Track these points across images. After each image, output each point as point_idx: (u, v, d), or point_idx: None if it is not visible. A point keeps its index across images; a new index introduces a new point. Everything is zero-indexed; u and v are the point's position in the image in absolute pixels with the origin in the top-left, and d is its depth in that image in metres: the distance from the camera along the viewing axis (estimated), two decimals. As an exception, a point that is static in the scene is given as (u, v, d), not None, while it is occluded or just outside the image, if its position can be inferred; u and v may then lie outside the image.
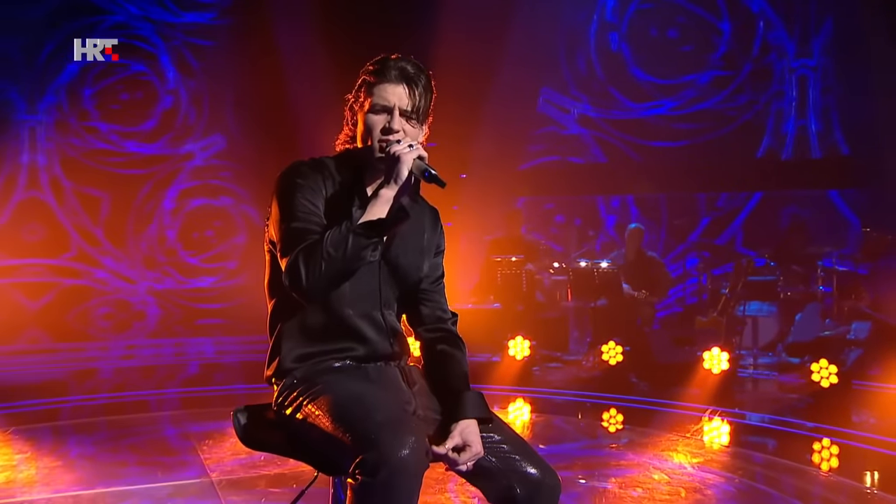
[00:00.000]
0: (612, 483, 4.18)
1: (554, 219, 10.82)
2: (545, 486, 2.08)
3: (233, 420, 2.07)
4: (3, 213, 10.00)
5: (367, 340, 2.09)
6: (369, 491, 1.73)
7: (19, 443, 4.90)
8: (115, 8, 10.52)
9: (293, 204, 2.03)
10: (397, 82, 2.09)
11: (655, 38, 11.00)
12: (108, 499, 3.77)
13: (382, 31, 9.70)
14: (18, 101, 10.15)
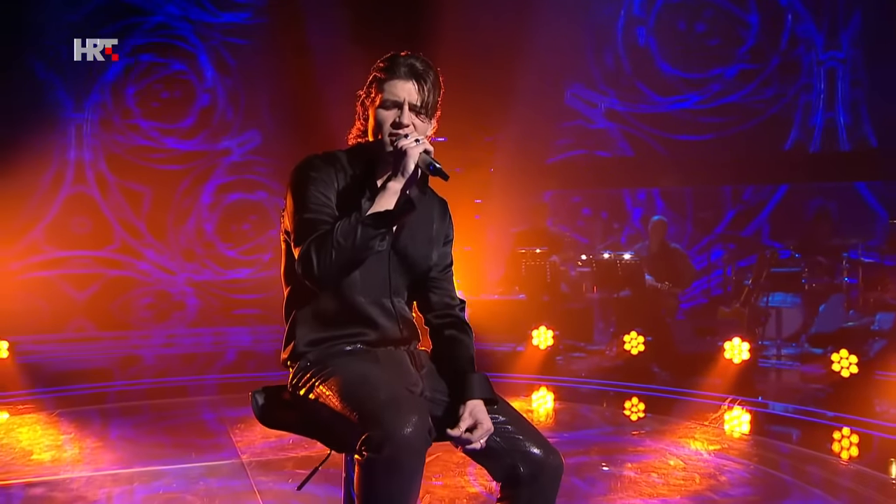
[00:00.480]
0: (628, 468, 4.22)
1: (580, 211, 10.81)
2: (548, 465, 2.12)
3: (251, 400, 2.16)
4: (51, 207, 10.24)
5: (377, 326, 2.16)
6: (374, 467, 1.80)
7: (65, 424, 5.07)
8: (156, 9, 10.69)
9: (306, 196, 2.10)
10: (407, 78, 2.15)
11: (683, 33, 10.92)
12: (145, 477, 3.90)
13: (410, 29, 9.75)
14: (66, 99, 10.38)
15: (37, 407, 5.48)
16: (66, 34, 10.18)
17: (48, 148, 10.13)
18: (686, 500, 3.72)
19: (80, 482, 3.83)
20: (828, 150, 10.36)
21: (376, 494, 1.83)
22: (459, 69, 9.66)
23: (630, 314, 7.25)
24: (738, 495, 3.84)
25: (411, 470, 1.82)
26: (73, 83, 10.37)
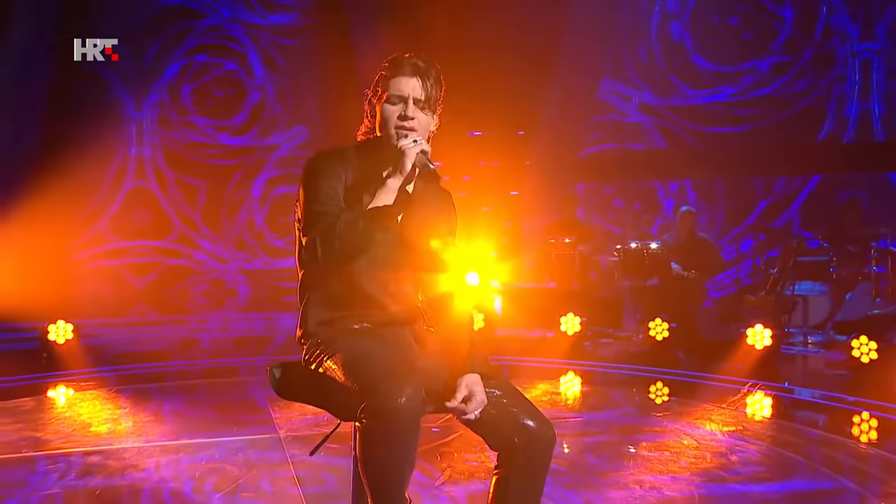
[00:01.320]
0: (643, 447, 4.29)
1: (613, 203, 10.81)
2: (541, 436, 2.22)
3: (269, 374, 2.31)
4: (114, 200, 10.59)
5: (383, 308, 2.28)
6: (372, 433, 1.93)
7: (122, 400, 5.33)
8: (210, 12, 10.96)
9: (316, 188, 2.22)
10: (411, 75, 2.26)
11: (716, 26, 10.82)
12: (190, 449, 4.11)
13: (448, 27, 9.86)
14: (127, 99, 10.71)
15: (98, 384, 5.76)
16: (128, 36, 10.51)
17: (111, 145, 10.46)
18: (695, 476, 3.79)
19: (132, 452, 4.07)
20: (862, 141, 10.19)
21: (374, 458, 1.96)
22: (495, 65, 9.81)
23: (658, 302, 7.28)
24: (747, 473, 3.89)
25: (406, 436, 1.94)
26: (133, 83, 10.69)
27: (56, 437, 4.40)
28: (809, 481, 3.82)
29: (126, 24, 10.42)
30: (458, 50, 10.19)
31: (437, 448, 4.09)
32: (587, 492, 3.56)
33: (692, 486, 3.65)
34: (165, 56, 10.74)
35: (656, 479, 3.74)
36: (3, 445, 4.20)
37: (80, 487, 3.53)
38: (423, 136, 2.28)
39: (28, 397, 5.36)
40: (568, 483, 3.68)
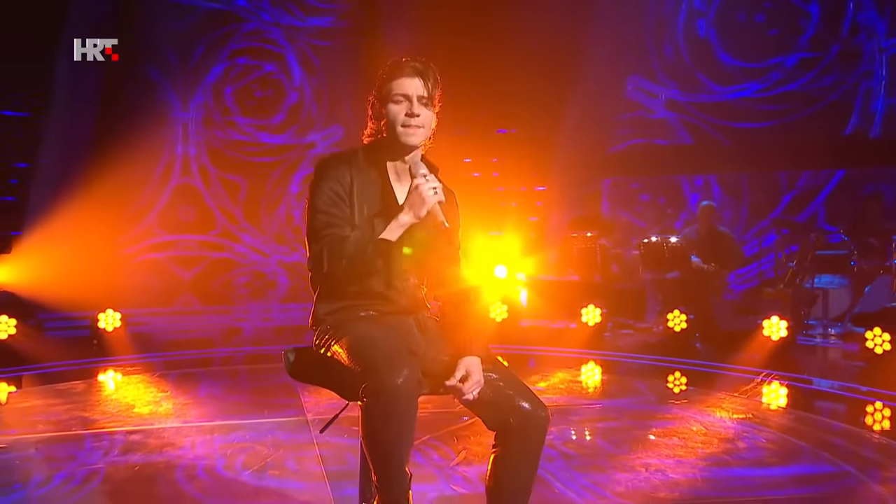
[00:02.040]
0: (653, 432, 4.35)
1: (639, 197, 10.80)
2: (535, 417, 2.31)
3: (283, 359, 2.44)
4: (162, 196, 10.88)
5: (390, 300, 2.38)
6: (373, 411, 2.05)
7: (164, 383, 5.54)
8: (251, 16, 11.17)
9: (321, 194, 2.31)
10: (412, 75, 2.35)
11: (743, 24, 10.73)
12: (224, 429, 4.29)
13: (478, 27, 9.95)
14: (174, 100, 10.98)
15: (143, 369, 6.00)
16: (176, 41, 10.79)
17: (159, 144, 10.75)
18: (700, 460, 3.85)
19: (171, 432, 4.26)
20: (888, 136, 10.05)
21: (374, 434, 2.08)
22: (524, 64, 9.87)
23: (678, 294, 7.30)
24: (751, 458, 3.95)
25: (403, 414, 2.05)
26: (180, 86, 10.96)
27: (102, 416, 4.62)
28: (811, 466, 3.86)
29: (173, 29, 10.71)
30: (488, 50, 10.29)
31: (456, 431, 4.21)
32: (594, 473, 3.65)
33: (696, 469, 3.72)
34: (209, 59, 11.00)
35: (662, 462, 3.81)
36: (54, 424, 4.44)
37: (121, 463, 3.73)
38: (427, 132, 2.37)
39: (79, 380, 5.61)
40: (577, 465, 3.78)
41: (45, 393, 5.29)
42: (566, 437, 4.27)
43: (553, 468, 3.72)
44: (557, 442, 4.15)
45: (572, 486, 3.49)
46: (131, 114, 9.89)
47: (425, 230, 2.37)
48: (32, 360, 6.15)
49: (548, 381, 5.68)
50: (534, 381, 5.65)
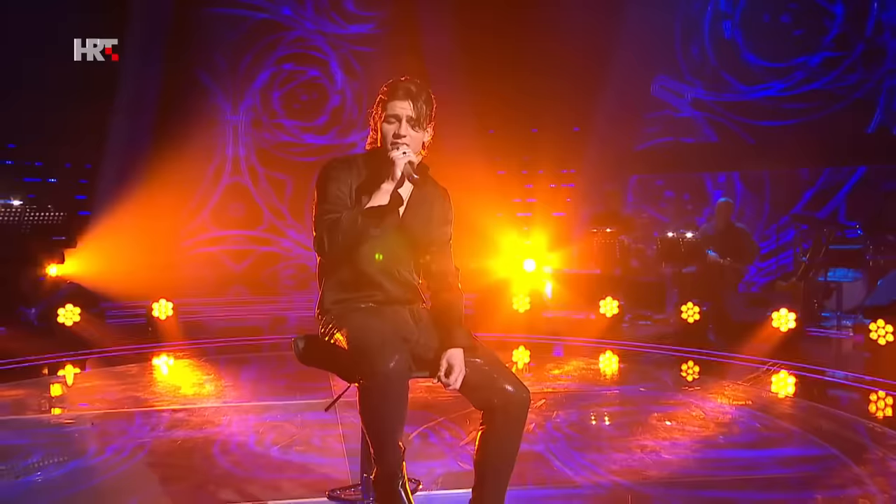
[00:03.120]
0: (653, 417, 4.47)
1: (663, 194, 10.82)
2: (516, 397, 2.47)
3: (293, 345, 2.66)
4: (214, 194, 11.29)
5: (385, 290, 2.56)
6: (367, 392, 2.24)
7: (209, 367, 5.84)
8: (296, 25, 11.49)
9: (326, 191, 2.52)
10: (403, 98, 2.53)
11: (768, 24, 10.67)
12: (258, 409, 4.55)
13: (507, 32, 10.08)
14: (225, 104, 11.36)
15: (190, 354, 6.31)
16: (227, 50, 11.15)
17: (211, 145, 11.16)
18: (694, 442, 3.97)
19: (211, 411, 4.54)
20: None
21: (369, 412, 2.27)
22: (554, 65, 9.97)
23: (694, 287, 7.36)
24: (742, 441, 4.05)
25: (394, 395, 2.24)
26: (230, 90, 11.34)
27: (152, 396, 4.93)
28: (798, 449, 3.95)
29: (226, 38, 11.07)
30: (519, 53, 10.41)
31: (468, 414, 4.38)
32: (593, 453, 3.80)
33: (688, 450, 3.84)
34: (257, 65, 11.34)
35: (658, 444, 3.94)
36: (110, 402, 4.75)
37: (165, 438, 4.01)
38: (415, 149, 2.55)
39: (133, 364, 5.95)
40: (577, 446, 3.93)
41: (104, 374, 5.64)
42: (571, 420, 4.41)
43: (555, 448, 3.88)
44: (563, 424, 4.30)
45: (570, 465, 3.65)
46: (186, 117, 10.28)
47: (419, 223, 2.57)
48: (94, 344, 6.51)
49: (562, 368, 5.83)
50: (549, 369, 5.81)
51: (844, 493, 3.28)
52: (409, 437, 4.01)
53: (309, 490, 3.20)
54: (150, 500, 3.17)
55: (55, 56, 8.46)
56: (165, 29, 10.41)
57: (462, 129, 10.57)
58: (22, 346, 6.26)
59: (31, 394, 5.00)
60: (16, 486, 3.34)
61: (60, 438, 4.06)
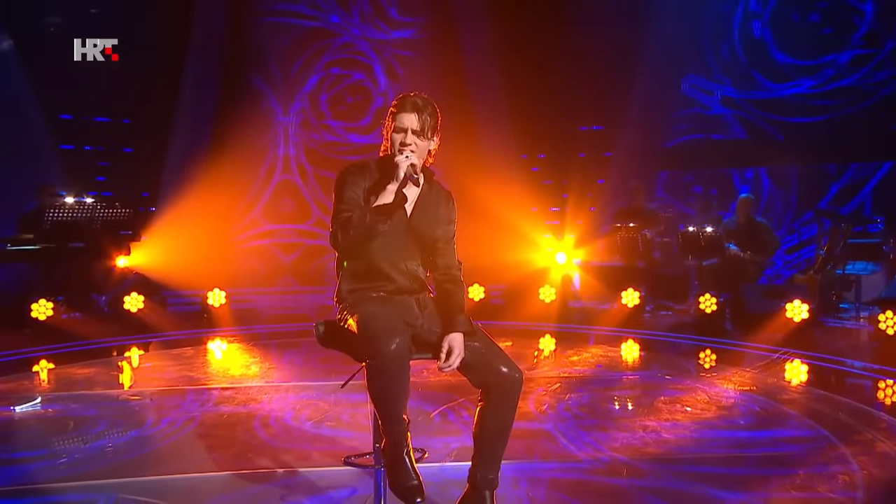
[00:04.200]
0: (660, 400, 4.62)
1: (692, 189, 10.81)
2: (510, 377, 2.67)
3: (315, 329, 2.91)
4: (266, 191, 11.67)
5: (394, 281, 2.77)
6: (373, 370, 2.47)
7: (256, 350, 6.19)
8: (344, 32, 11.77)
9: (342, 193, 2.75)
10: (411, 111, 2.74)
11: (797, 23, 10.55)
12: (296, 389, 4.85)
13: (540, 35, 10.19)
14: (277, 107, 11.72)
15: (240, 339, 6.68)
16: (280, 57, 11.50)
17: (264, 146, 11.53)
18: (694, 423, 4.12)
19: (255, 389, 4.86)
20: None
21: (375, 389, 2.50)
22: (584, 65, 10.06)
23: (715, 279, 7.42)
24: (740, 422, 4.19)
25: (396, 373, 2.46)
26: (282, 94, 11.69)
27: (203, 376, 5.28)
28: (792, 430, 4.07)
29: (279, 46, 11.42)
30: (552, 53, 10.52)
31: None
32: (598, 432, 3.98)
33: (687, 430, 4.00)
34: (307, 70, 11.67)
35: (660, 424, 4.11)
36: (167, 381, 5.13)
37: (213, 412, 4.34)
38: (421, 155, 2.77)
39: (189, 347, 6.34)
40: (584, 425, 4.12)
41: (163, 356, 6.04)
42: (582, 402, 4.59)
43: (563, 427, 4.08)
44: (574, 406, 4.50)
45: (575, 442, 3.85)
46: (242, 120, 10.67)
47: (426, 223, 2.79)
48: (155, 329, 6.94)
49: (580, 355, 6.00)
50: (568, 355, 5.99)
51: (827, 470, 3.41)
52: (430, 415, 4.26)
53: (335, 460, 3.46)
54: (198, 465, 3.48)
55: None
56: (224, 38, 10.80)
57: (497, 126, 10.76)
58: (94, 330, 6.73)
59: (99, 372, 5.42)
60: (85, 451, 3.70)
61: (124, 411, 4.43)
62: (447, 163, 10.72)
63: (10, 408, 4.38)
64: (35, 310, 6.74)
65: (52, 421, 4.24)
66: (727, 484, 3.25)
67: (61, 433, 4.01)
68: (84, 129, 10.38)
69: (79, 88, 9.53)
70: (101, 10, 10.12)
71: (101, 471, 3.40)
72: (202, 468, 3.44)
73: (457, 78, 10.96)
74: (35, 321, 6.73)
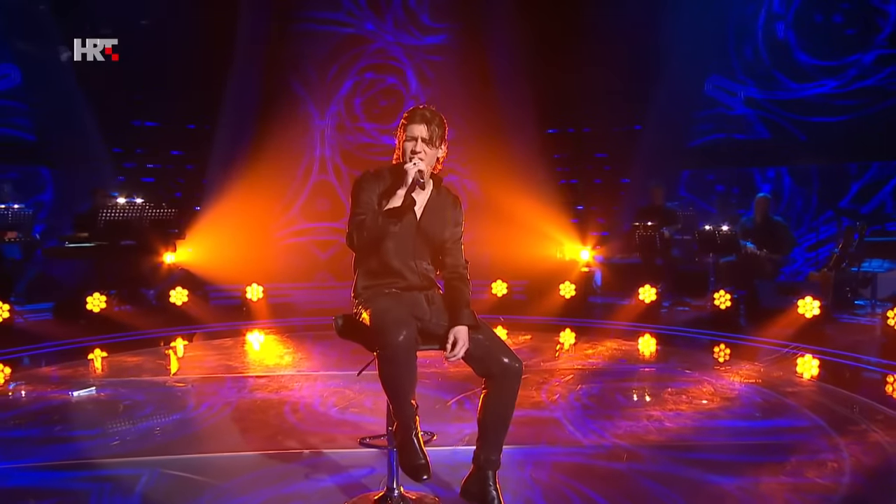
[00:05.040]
0: (667, 392, 4.75)
1: (714, 188, 10.81)
2: (511, 367, 2.86)
3: (334, 323, 3.13)
4: (304, 190, 11.97)
5: (405, 278, 2.97)
6: (383, 360, 2.67)
7: (290, 342, 6.46)
8: (377, 38, 12.00)
9: (358, 198, 2.94)
10: (420, 122, 2.94)
11: (820, 24, 10.48)
12: (324, 378, 5.09)
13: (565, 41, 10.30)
14: (314, 111, 12.01)
15: (276, 331, 6.96)
16: (317, 62, 11.78)
17: (302, 148, 11.82)
18: (696, 413, 4.25)
19: (286, 378, 5.12)
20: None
21: (385, 376, 2.69)
22: (609, 68, 10.13)
23: (731, 276, 7.48)
24: (741, 412, 4.30)
25: (404, 362, 2.66)
26: (318, 98, 11.97)
27: (241, 364, 5.57)
28: (789, 420, 4.17)
29: (316, 52, 11.70)
30: (577, 57, 10.61)
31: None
32: (603, 421, 4.14)
33: (689, 420, 4.13)
34: (342, 75, 11.94)
35: (663, 413, 4.24)
36: (207, 369, 5.42)
37: (247, 398, 4.60)
38: (429, 162, 2.96)
39: (229, 338, 6.64)
40: (591, 414, 4.28)
41: (204, 346, 6.35)
42: (592, 393, 4.74)
43: (571, 415, 4.25)
44: (584, 396, 4.65)
45: (581, 429, 4.01)
46: (280, 123, 10.98)
47: (435, 226, 2.99)
48: (198, 321, 7.26)
49: (595, 348, 6.14)
50: (584, 349, 6.13)
51: (818, 457, 3.53)
52: (447, 403, 4.46)
53: (356, 443, 3.67)
54: (232, 445, 3.74)
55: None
56: (266, 45, 11.11)
57: (523, 127, 10.90)
58: (143, 322, 7.08)
59: (147, 360, 5.74)
60: (133, 431, 3.99)
61: (168, 396, 4.72)
62: (475, 163, 10.96)
63: (69, 392, 4.71)
64: (90, 303, 7.10)
65: (105, 404, 4.55)
66: (720, 469, 3.39)
67: (113, 415, 4.31)
68: (135, 133, 10.80)
69: (130, 95, 9.93)
70: (150, 21, 10.52)
71: (146, 449, 3.68)
72: (236, 448, 3.70)
73: (485, 80, 11.14)
74: (90, 313, 7.09)
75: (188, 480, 3.28)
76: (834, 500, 3.07)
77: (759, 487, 3.19)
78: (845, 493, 3.14)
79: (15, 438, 3.86)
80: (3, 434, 3.93)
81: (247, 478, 3.32)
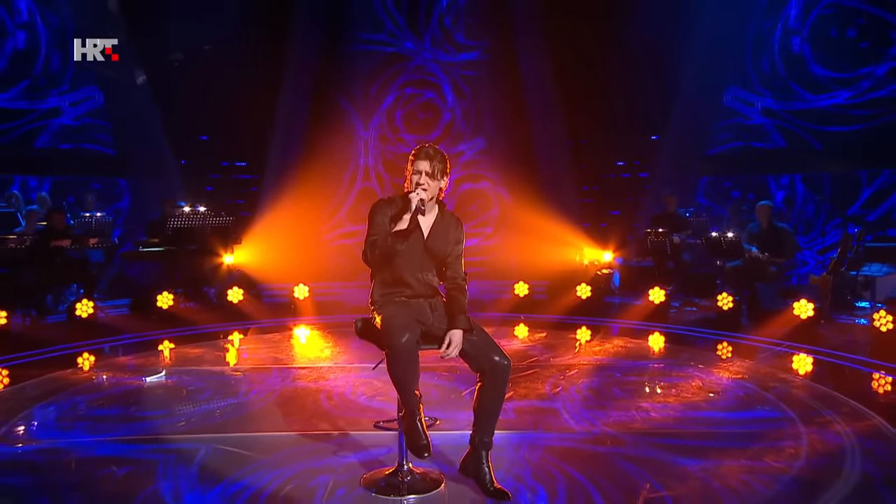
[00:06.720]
0: (659, 386, 5.06)
1: (730, 194, 10.93)
2: (500, 364, 3.24)
3: (354, 325, 3.57)
4: (350, 196, 12.48)
5: (412, 288, 3.37)
6: (390, 357, 3.07)
7: (330, 337, 6.91)
8: (416, 56, 12.42)
9: (373, 221, 3.36)
10: (424, 159, 3.35)
11: (835, 39, 10.51)
12: (357, 370, 5.54)
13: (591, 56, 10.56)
14: (358, 123, 12.51)
15: (319, 327, 7.45)
16: (361, 79, 12.27)
17: (347, 157, 12.31)
18: (681, 405, 4.56)
19: (324, 369, 5.59)
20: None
21: (392, 371, 3.10)
22: (629, 78, 10.35)
23: (736, 279, 7.68)
24: (722, 405, 4.59)
25: (407, 360, 3.06)
26: (363, 112, 12.47)
27: (286, 357, 6.07)
28: (764, 412, 4.45)
29: (361, 70, 12.19)
30: (602, 70, 10.85)
31: (514, 379, 5.15)
32: (597, 411, 4.48)
33: (674, 411, 4.45)
34: (385, 90, 12.40)
35: (651, 405, 4.57)
36: (257, 360, 5.95)
37: (290, 387, 5.10)
38: (432, 193, 3.37)
39: (277, 333, 7.17)
40: (588, 405, 4.62)
41: (256, 340, 6.88)
42: (592, 386, 5.08)
43: (569, 406, 4.60)
44: (584, 389, 4.99)
45: (575, 418, 4.37)
46: (329, 135, 11.51)
47: (439, 243, 3.40)
48: (252, 318, 7.81)
49: (603, 345, 6.45)
50: (592, 346, 6.46)
51: (779, 444, 3.83)
52: (462, 393, 4.86)
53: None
54: (275, 426, 4.23)
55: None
56: (316, 65, 11.65)
57: (552, 140, 11.21)
58: (204, 318, 7.66)
59: (207, 351, 6.29)
60: (195, 413, 4.52)
61: (223, 383, 5.25)
62: (506, 171, 11.26)
63: (142, 378, 5.29)
64: (160, 300, 7.72)
65: (171, 389, 5.10)
66: (689, 453, 3.73)
67: (178, 398, 4.86)
68: (199, 146, 11.48)
69: (194, 112, 10.59)
70: (213, 45, 11.17)
71: (205, 427, 4.20)
72: (278, 428, 4.18)
73: (516, 93, 11.48)
74: (160, 309, 7.69)
75: (237, 455, 3.77)
76: (784, 481, 3.39)
77: (719, 469, 3.52)
78: (795, 475, 3.45)
79: (99, 416, 4.43)
80: (89, 413, 4.51)
81: (285, 453, 3.80)
